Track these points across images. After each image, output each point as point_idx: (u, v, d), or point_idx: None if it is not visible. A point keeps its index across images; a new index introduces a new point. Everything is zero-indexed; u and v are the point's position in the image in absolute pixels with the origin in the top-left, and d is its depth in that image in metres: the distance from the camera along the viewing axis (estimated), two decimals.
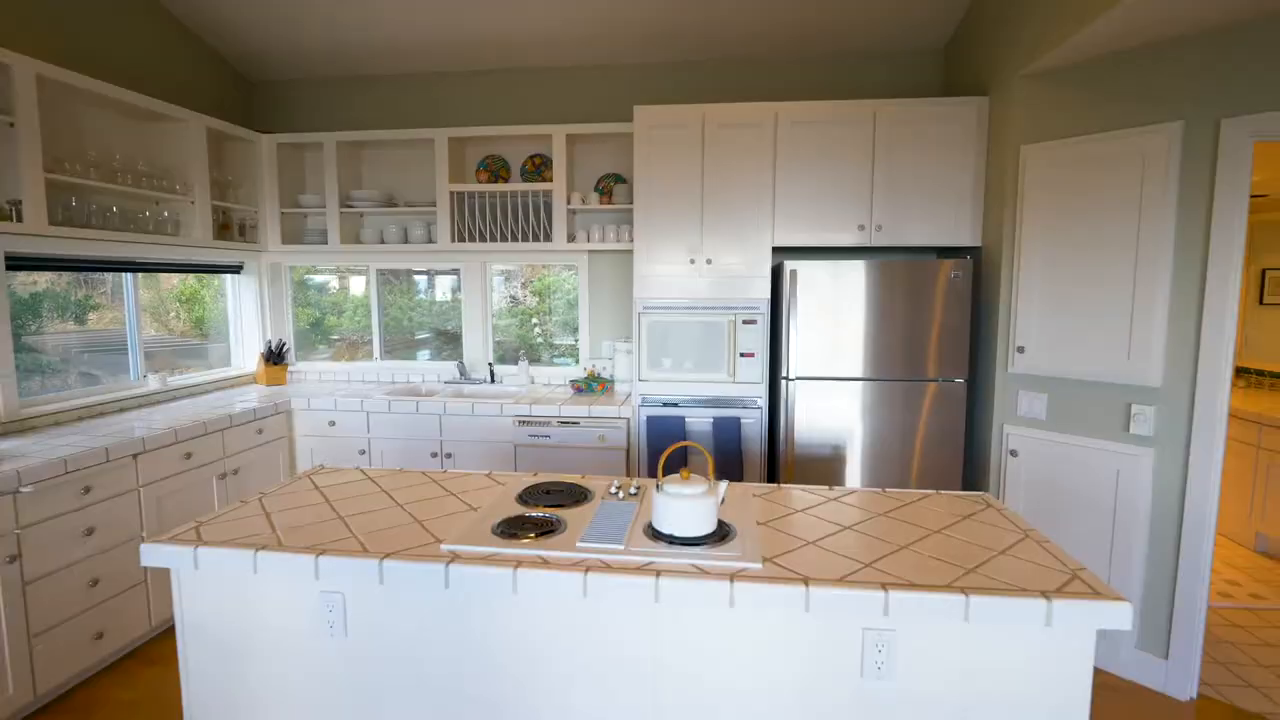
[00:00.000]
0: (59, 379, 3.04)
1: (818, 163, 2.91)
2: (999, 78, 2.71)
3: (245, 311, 4.02)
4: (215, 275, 3.87)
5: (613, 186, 3.57)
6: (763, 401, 3.00)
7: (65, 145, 2.82)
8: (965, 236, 2.86)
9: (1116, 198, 2.30)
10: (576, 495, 1.77)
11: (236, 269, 3.91)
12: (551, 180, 3.51)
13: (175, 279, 3.71)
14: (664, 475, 3.03)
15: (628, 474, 3.16)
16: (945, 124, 2.83)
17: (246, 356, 4.01)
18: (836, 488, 1.89)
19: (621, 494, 1.77)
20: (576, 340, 3.93)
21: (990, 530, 1.58)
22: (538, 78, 3.67)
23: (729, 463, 2.99)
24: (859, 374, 2.83)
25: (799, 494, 1.85)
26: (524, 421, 3.19)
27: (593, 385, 3.49)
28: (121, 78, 3.09)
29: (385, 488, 1.91)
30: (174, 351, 3.74)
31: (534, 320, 4.01)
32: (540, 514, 1.64)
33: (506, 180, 3.73)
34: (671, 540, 1.45)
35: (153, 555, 1.49)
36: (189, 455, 2.81)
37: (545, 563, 1.38)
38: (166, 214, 3.22)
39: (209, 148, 3.52)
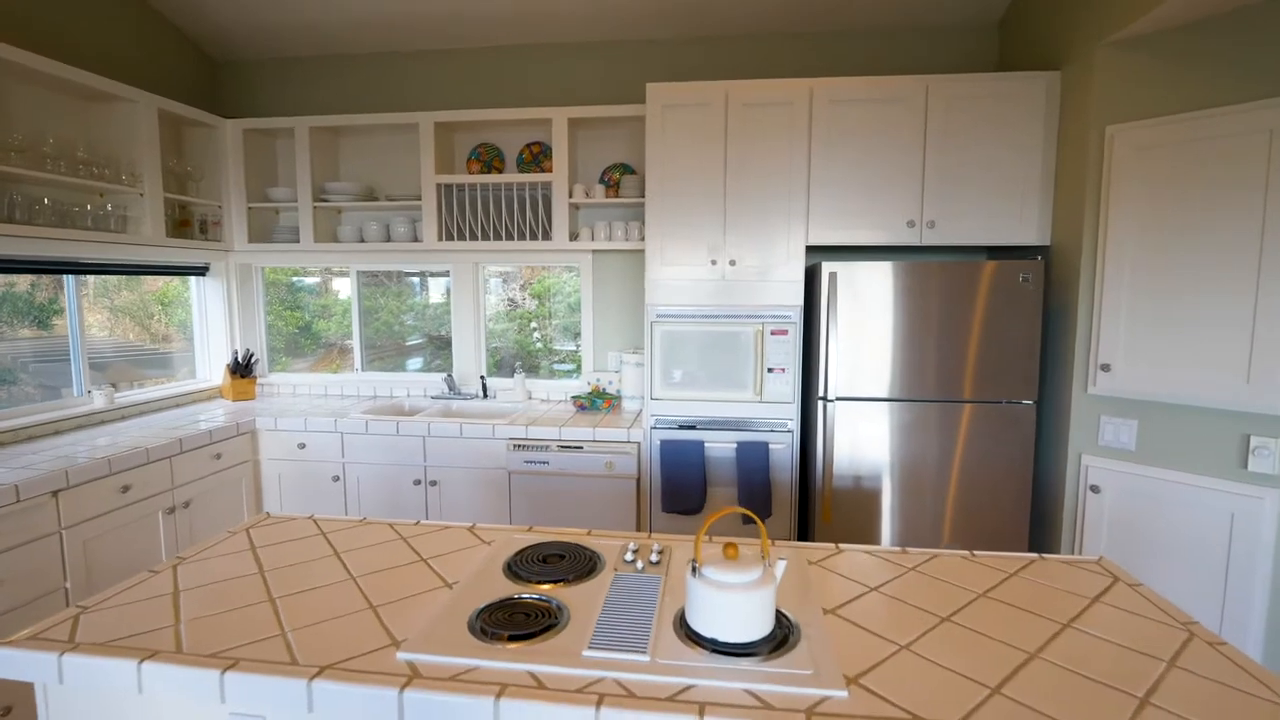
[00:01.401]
0: None
1: (860, 148, 2.52)
2: (1075, 49, 2.31)
3: (211, 318, 3.61)
4: (178, 278, 3.47)
5: (620, 178, 3.17)
6: (794, 424, 2.60)
7: None
8: (1031, 234, 2.47)
9: (1234, 185, 1.90)
10: (582, 564, 1.37)
11: (201, 270, 3.51)
12: (551, 171, 3.11)
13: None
14: (671, 505, 2.67)
15: (638, 507, 2.75)
16: (1009, 103, 2.44)
17: (213, 368, 3.61)
18: (912, 551, 1.49)
19: (640, 563, 1.37)
20: (578, 347, 3.53)
21: (1138, 623, 1.18)
22: (536, 56, 3.27)
23: (755, 496, 2.59)
24: (909, 394, 2.43)
25: (865, 560, 1.45)
26: (519, 445, 2.78)
27: (597, 402, 3.09)
28: (59, 50, 2.68)
29: (339, 547, 1.51)
30: (134, 361, 3.34)
31: (532, 324, 3.61)
32: (534, 597, 1.24)
33: (501, 171, 3.33)
34: (714, 647, 1.05)
35: (4, 664, 1.09)
36: (126, 488, 2.41)
37: (540, 685, 0.98)
38: (111, 207, 2.82)
39: (166, 134, 3.13)
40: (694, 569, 1.09)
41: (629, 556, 1.39)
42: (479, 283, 3.50)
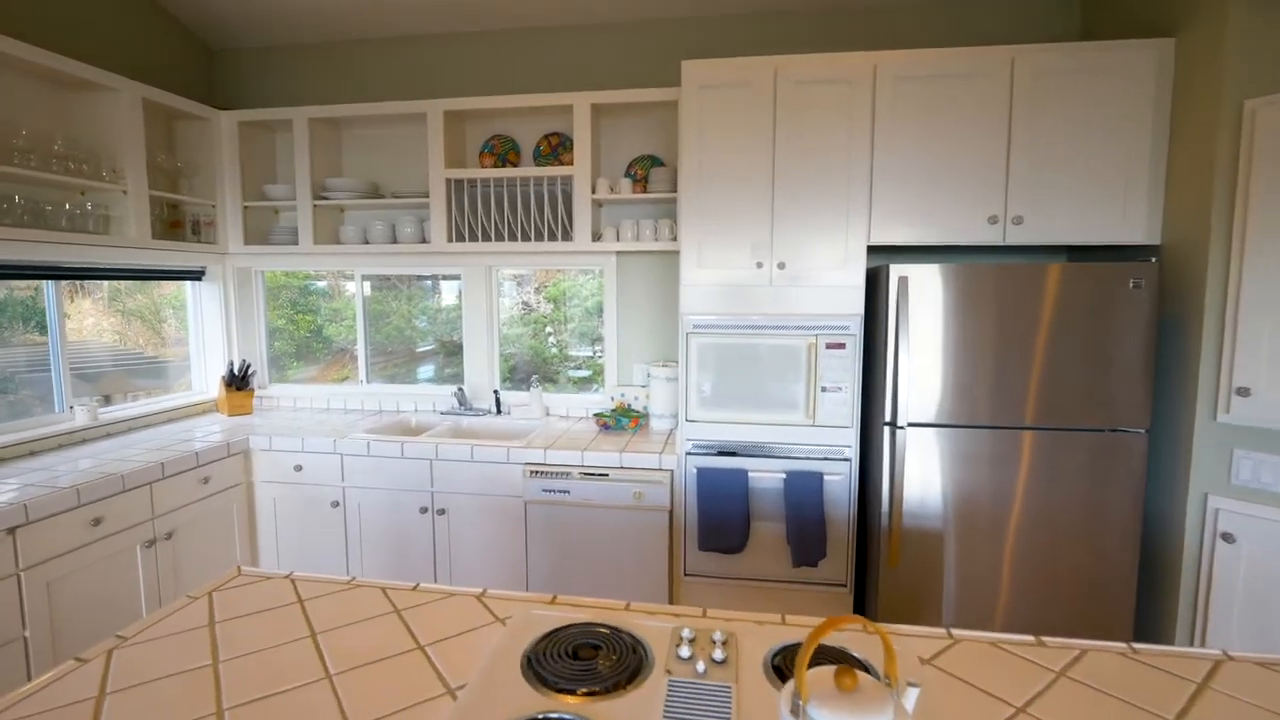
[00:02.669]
0: None
1: (931, 133, 2.17)
2: (1197, 10, 1.95)
3: (208, 325, 3.35)
4: (168, 282, 3.20)
5: (648, 171, 2.85)
6: (852, 452, 2.26)
7: None
8: (1137, 232, 2.11)
9: None
10: (623, 659, 1.05)
11: (197, 275, 3.25)
12: (572, 164, 2.80)
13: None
14: (709, 543, 2.32)
15: (671, 544, 2.43)
16: (1110, 77, 2.08)
17: (209, 380, 3.35)
18: (1050, 643, 1.15)
19: (700, 661, 1.04)
20: (594, 353, 3.22)
21: None
22: (553, 39, 2.96)
23: (807, 535, 2.25)
24: (993, 420, 2.08)
25: (992, 656, 1.11)
26: (537, 472, 2.47)
27: (623, 420, 2.77)
28: (34, 33, 2.42)
29: (319, 624, 1.21)
30: (131, 371, 3.09)
31: (548, 329, 3.30)
32: (566, 718, 0.92)
33: (516, 164, 3.02)
34: None
35: None
36: (98, 520, 2.13)
37: None
38: (91, 206, 2.55)
39: (156, 128, 2.88)
40: (796, 707, 0.76)
41: (684, 651, 1.07)
42: (492, 287, 3.19)
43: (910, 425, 2.11)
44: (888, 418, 2.14)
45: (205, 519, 2.56)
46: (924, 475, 2.14)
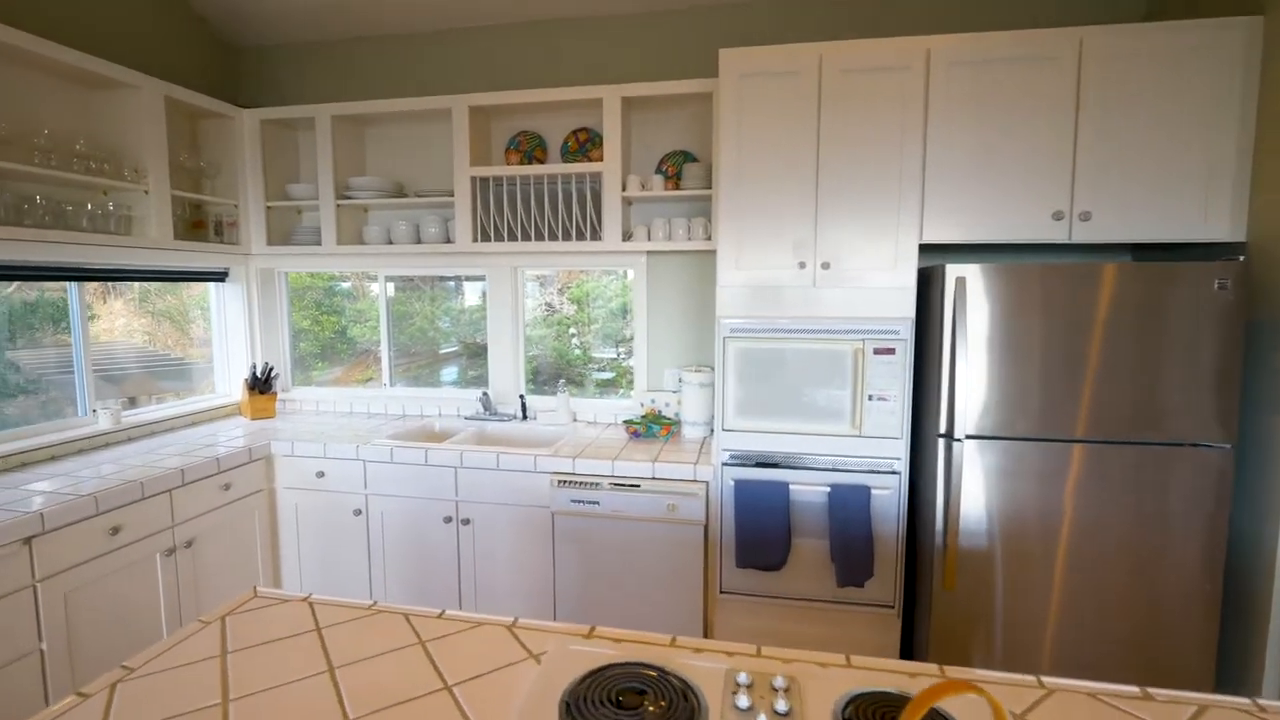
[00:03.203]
0: None
1: (990, 123, 2.02)
2: None
3: (231, 327, 3.31)
4: (195, 284, 3.16)
5: (680, 167, 2.73)
6: (901, 465, 2.12)
7: None
8: (1220, 228, 1.93)
9: None
10: (673, 710, 0.93)
11: (220, 276, 3.20)
12: (600, 160, 2.69)
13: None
14: (747, 559, 2.18)
15: (706, 560, 2.30)
16: (1190, 60, 1.91)
17: (232, 382, 3.30)
18: (1159, 695, 1.00)
19: (763, 714, 0.92)
20: (619, 354, 3.11)
21: None
22: (581, 30, 2.85)
23: (853, 553, 2.11)
24: (1059, 432, 1.93)
25: (1092, 710, 0.97)
26: (565, 481, 2.36)
27: (653, 428, 2.65)
28: (55, 31, 2.37)
29: (337, 657, 1.11)
30: (155, 373, 3.06)
31: (571, 331, 3.20)
32: None
33: (543, 161, 2.92)
34: None
35: None
36: (116, 529, 2.07)
37: None
38: (113, 206, 2.51)
39: (180, 127, 2.84)
40: None
41: (742, 701, 0.94)
42: (518, 288, 3.10)
43: (969, 437, 1.96)
44: (942, 429, 1.99)
45: (226, 526, 2.49)
46: (978, 491, 1.99)
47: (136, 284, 2.91)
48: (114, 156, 2.51)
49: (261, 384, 3.14)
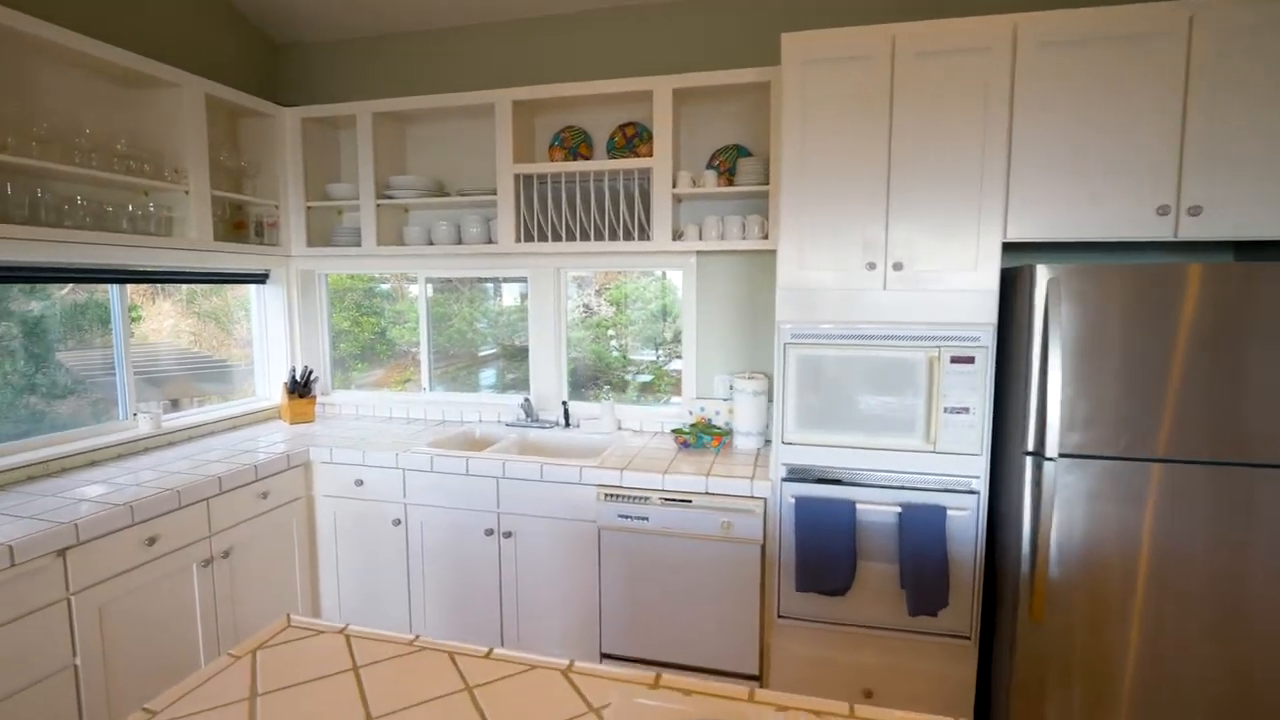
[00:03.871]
0: (18, 421, 2.31)
1: (1084, 109, 1.83)
2: None
3: (272, 330, 3.26)
4: (237, 285, 3.13)
5: (734, 162, 2.58)
6: (981, 485, 1.94)
7: (5, 112, 2.08)
8: None
9: None
10: None
11: (261, 278, 3.16)
12: (649, 155, 2.56)
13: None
14: (809, 583, 1.93)
15: (764, 582, 2.15)
16: None
17: (272, 385, 3.26)
18: None
19: None
20: (658, 357, 2.97)
21: None
22: (624, 22, 2.72)
23: (926, 579, 1.94)
24: (1168, 452, 1.73)
25: None
26: (612, 495, 2.24)
27: (704, 438, 2.51)
28: (94, 28, 2.34)
29: (375, 703, 1.00)
30: (198, 376, 3.03)
31: (610, 333, 3.07)
32: None
33: (589, 158, 2.80)
34: None
35: None
36: (153, 540, 2.01)
37: None
38: (153, 207, 2.47)
39: (221, 126, 2.80)
40: None
41: None
42: (560, 290, 2.98)
43: (1063, 456, 1.77)
44: (1030, 446, 1.80)
45: (264, 535, 2.43)
46: (1071, 515, 1.80)
47: (184, 285, 2.88)
48: (154, 156, 2.47)
49: (301, 388, 3.09)
